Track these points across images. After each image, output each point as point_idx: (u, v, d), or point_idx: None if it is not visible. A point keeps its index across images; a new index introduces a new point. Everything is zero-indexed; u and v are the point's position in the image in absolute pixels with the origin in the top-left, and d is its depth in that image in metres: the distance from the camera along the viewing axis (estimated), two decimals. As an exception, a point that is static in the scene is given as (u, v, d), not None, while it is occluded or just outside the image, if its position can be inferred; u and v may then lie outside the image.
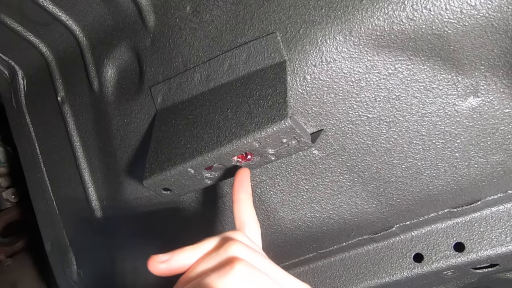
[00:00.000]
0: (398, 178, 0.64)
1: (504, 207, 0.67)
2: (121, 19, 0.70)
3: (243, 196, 0.53)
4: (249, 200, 0.53)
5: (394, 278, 0.71)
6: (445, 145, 0.61)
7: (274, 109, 0.54)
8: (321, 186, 0.65)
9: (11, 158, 1.20)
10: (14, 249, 1.21)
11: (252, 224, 0.51)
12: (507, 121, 0.59)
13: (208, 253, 0.45)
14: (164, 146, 0.61)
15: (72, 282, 0.88)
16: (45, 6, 0.70)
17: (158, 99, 0.66)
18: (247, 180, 0.55)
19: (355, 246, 0.74)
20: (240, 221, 0.51)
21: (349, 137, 0.60)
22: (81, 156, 0.78)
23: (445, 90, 0.57)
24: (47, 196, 0.85)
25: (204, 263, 0.44)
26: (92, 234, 0.83)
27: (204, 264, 0.43)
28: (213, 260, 0.43)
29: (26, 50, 0.79)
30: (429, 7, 0.51)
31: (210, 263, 0.43)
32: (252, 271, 0.41)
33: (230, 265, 0.41)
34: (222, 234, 0.47)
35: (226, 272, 0.40)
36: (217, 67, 0.61)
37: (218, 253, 0.44)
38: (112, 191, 0.76)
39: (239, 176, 0.55)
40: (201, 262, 0.44)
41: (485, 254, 0.66)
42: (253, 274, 0.41)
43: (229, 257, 0.42)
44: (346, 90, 0.57)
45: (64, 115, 0.78)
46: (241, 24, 0.60)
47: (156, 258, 0.44)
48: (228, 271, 0.40)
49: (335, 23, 0.54)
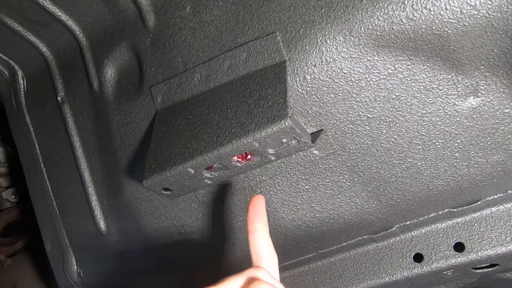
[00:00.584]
0: (398, 178, 0.64)
1: (504, 207, 0.67)
2: (121, 19, 0.70)
3: (258, 226, 0.51)
4: (266, 230, 0.51)
5: (394, 278, 0.71)
6: (445, 145, 0.61)
7: (274, 109, 0.54)
8: (321, 186, 0.65)
9: (11, 158, 1.20)
10: (14, 249, 1.21)
11: (271, 257, 0.50)
12: (507, 121, 0.59)
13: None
14: (164, 146, 0.61)
15: (72, 282, 0.88)
16: (45, 6, 0.70)
17: (158, 99, 0.66)
18: (263, 208, 0.53)
19: (355, 246, 0.74)
20: (258, 253, 0.50)
21: (349, 137, 0.60)
22: (81, 156, 0.78)
23: (445, 90, 0.57)
24: (47, 196, 0.85)
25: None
26: (92, 234, 0.83)
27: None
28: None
29: (26, 50, 0.79)
30: (429, 7, 0.51)
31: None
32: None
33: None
34: (245, 273, 0.46)
35: None
36: (217, 67, 0.61)
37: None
38: (112, 191, 0.76)
39: (254, 204, 0.53)
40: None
41: (485, 254, 0.66)
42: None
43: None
44: (346, 90, 0.57)
45: (64, 115, 0.78)
46: (241, 24, 0.60)
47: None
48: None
49: (335, 23, 0.54)
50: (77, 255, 0.87)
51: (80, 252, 0.87)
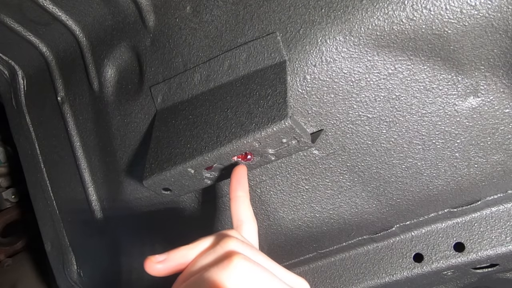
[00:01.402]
0: (398, 178, 0.64)
1: (504, 207, 0.67)
2: (121, 19, 0.70)
3: (240, 194, 0.53)
4: (246, 198, 0.53)
5: (394, 278, 0.71)
6: (445, 145, 0.61)
7: (274, 109, 0.54)
8: (321, 186, 0.65)
9: (11, 158, 1.20)
10: (14, 249, 1.21)
11: (249, 222, 0.52)
12: (507, 121, 0.59)
13: (205, 251, 0.45)
14: (164, 146, 0.61)
15: (72, 282, 0.88)
16: (45, 6, 0.70)
17: (158, 99, 0.66)
18: (244, 178, 0.55)
19: (355, 246, 0.74)
20: (237, 219, 0.52)
21: (349, 137, 0.60)
22: (81, 156, 0.78)
23: (445, 90, 0.57)
24: (47, 196, 0.85)
25: (201, 259, 0.44)
26: (92, 234, 0.83)
27: (202, 260, 0.44)
28: (210, 256, 0.44)
29: (26, 50, 0.79)
30: (429, 7, 0.51)
31: (207, 259, 0.44)
32: (251, 264, 0.42)
33: (228, 259, 0.41)
34: (217, 233, 0.48)
35: (225, 265, 0.41)
36: (217, 67, 0.61)
37: (215, 249, 0.44)
38: (112, 191, 0.76)
39: (236, 174, 0.55)
40: (199, 259, 0.44)
41: (485, 254, 0.66)
42: (251, 267, 0.41)
43: (227, 252, 0.43)
44: (346, 90, 0.57)
45: (64, 115, 0.78)
46: (241, 24, 0.60)
47: (153, 259, 0.45)
48: (227, 264, 0.41)
49: (335, 23, 0.54)
50: (77, 255, 0.87)
51: (80, 252, 0.87)
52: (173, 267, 0.45)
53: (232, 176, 0.55)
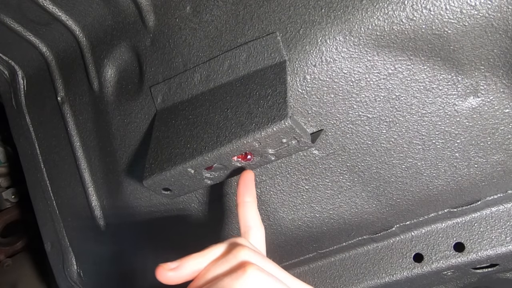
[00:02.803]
0: (398, 178, 0.64)
1: (504, 207, 0.67)
2: (121, 19, 0.70)
3: (248, 199, 0.53)
4: (254, 204, 0.53)
5: (394, 278, 0.71)
6: (445, 145, 0.61)
7: (274, 109, 0.54)
8: (321, 186, 0.65)
9: (11, 158, 1.20)
10: (14, 249, 1.21)
11: (257, 228, 0.51)
12: (507, 121, 0.59)
13: (217, 259, 0.45)
14: (164, 146, 0.61)
15: (72, 282, 0.88)
16: (45, 6, 0.70)
17: (158, 99, 0.66)
18: (252, 183, 0.55)
19: (355, 246, 0.74)
20: (245, 225, 0.51)
21: (349, 137, 0.60)
22: (81, 156, 0.78)
23: (445, 90, 0.57)
24: (47, 196, 0.85)
25: (214, 268, 0.44)
26: (92, 234, 0.83)
27: (215, 269, 0.44)
28: (223, 266, 0.44)
29: (26, 50, 0.79)
30: (429, 7, 0.51)
31: (221, 269, 0.44)
32: (264, 274, 0.42)
33: (242, 269, 0.41)
34: (227, 241, 0.47)
35: (239, 275, 0.41)
36: (217, 67, 0.61)
37: (227, 258, 0.44)
38: (112, 191, 0.76)
39: (244, 179, 0.55)
40: (211, 268, 0.44)
41: (485, 254, 0.66)
42: (264, 277, 0.42)
43: (241, 262, 0.43)
44: (346, 90, 0.57)
45: (64, 115, 0.78)
46: (241, 24, 0.60)
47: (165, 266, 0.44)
48: (241, 274, 0.41)
49: (335, 23, 0.54)
50: (77, 255, 0.87)
51: (80, 252, 0.87)
52: (185, 275, 0.45)
53: (240, 181, 0.55)
